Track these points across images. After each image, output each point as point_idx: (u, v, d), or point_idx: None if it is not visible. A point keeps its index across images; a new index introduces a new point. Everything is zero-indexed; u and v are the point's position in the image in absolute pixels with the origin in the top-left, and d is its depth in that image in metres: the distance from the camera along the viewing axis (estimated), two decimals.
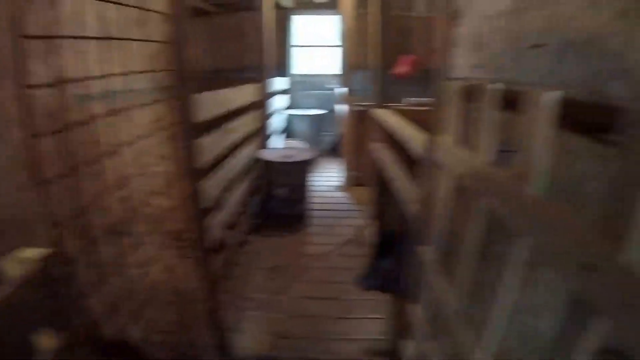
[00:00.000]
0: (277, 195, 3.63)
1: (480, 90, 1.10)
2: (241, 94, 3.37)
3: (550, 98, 0.79)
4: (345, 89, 4.69)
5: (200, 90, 2.14)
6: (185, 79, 1.54)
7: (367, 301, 2.60)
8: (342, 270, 2.99)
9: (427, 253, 1.57)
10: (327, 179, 5.18)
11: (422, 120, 1.72)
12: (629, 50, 0.57)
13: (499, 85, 1.02)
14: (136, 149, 1.25)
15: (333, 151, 6.14)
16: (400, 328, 1.95)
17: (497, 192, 0.99)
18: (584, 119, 0.77)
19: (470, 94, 1.20)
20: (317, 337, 2.29)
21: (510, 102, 0.94)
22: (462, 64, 1.31)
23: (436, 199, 1.49)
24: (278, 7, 5.10)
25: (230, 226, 2.95)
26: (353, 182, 4.72)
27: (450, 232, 1.37)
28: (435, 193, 1.49)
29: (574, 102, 0.76)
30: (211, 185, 2.39)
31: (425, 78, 1.82)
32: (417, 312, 1.68)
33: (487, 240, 1.07)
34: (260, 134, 4.15)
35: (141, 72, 1.28)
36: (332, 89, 6.13)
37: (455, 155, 1.31)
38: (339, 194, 4.68)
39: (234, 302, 2.57)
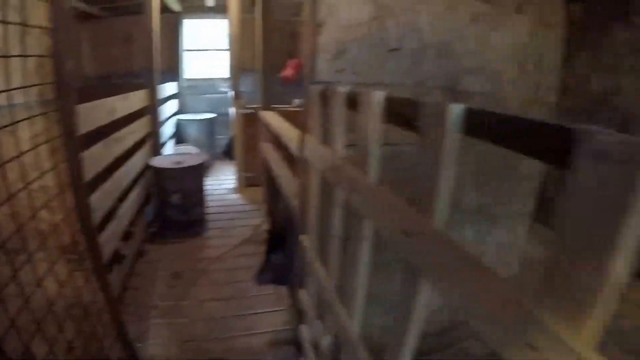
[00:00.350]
0: (172, 202, 3.58)
1: (332, 93, 1.23)
2: (129, 101, 3.25)
3: (377, 97, 0.90)
4: (233, 92, 4.73)
5: (86, 98, 2.07)
6: (66, 91, 1.52)
7: (269, 295, 2.74)
8: (242, 269, 3.09)
9: (307, 241, 1.73)
10: (222, 181, 5.20)
11: (300, 121, 1.83)
12: (481, 49, 0.69)
13: (346, 88, 1.14)
14: (21, 164, 1.23)
15: (227, 154, 6.11)
16: (298, 315, 2.09)
17: (347, 182, 1.12)
18: (402, 112, 0.89)
19: (326, 96, 1.33)
20: (222, 336, 2.36)
21: (354, 102, 1.06)
22: (326, 69, 1.41)
23: (309, 192, 1.64)
24: (168, 11, 4.93)
25: (126, 236, 2.86)
26: (246, 182, 4.77)
27: (321, 220, 1.53)
28: (308, 187, 1.64)
29: (394, 99, 0.88)
30: (101, 196, 2.33)
31: None
32: (305, 297, 1.85)
33: (347, 225, 1.22)
34: (152, 141, 4.03)
35: (23, 87, 1.26)
36: (225, 92, 6.10)
37: (318, 152, 1.44)
38: (234, 195, 4.73)
39: (137, 312, 2.52)
